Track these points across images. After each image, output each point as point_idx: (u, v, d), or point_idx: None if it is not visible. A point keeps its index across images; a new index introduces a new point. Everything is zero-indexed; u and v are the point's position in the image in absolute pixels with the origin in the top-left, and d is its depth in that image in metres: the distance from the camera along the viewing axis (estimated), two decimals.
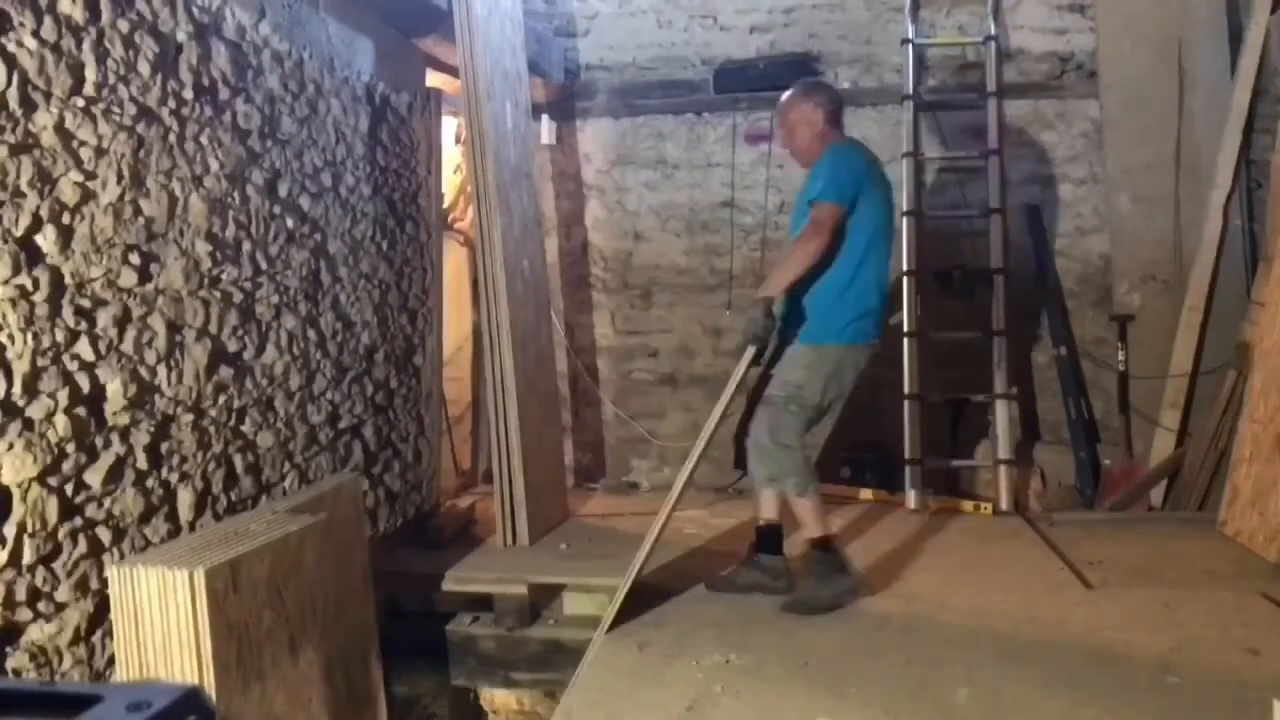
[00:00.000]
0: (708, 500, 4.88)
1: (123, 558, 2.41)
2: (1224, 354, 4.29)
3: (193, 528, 2.71)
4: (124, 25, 2.48)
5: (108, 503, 2.42)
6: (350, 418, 3.64)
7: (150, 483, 2.57)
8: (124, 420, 2.47)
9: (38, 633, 2.22)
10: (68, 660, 2.30)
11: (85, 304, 2.36)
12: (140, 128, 2.53)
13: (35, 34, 2.21)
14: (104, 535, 2.40)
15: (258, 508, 2.97)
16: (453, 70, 4.26)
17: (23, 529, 2.17)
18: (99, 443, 2.39)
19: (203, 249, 2.79)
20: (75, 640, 2.31)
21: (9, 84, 2.14)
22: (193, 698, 0.67)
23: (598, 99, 5.20)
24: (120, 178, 2.46)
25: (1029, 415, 4.88)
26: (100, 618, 2.36)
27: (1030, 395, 4.85)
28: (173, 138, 2.66)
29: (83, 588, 2.33)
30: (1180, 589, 3.27)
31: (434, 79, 4.45)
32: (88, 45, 2.36)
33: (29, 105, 2.20)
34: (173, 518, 2.65)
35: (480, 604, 3.66)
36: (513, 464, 4.03)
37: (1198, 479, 4.29)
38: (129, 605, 2.25)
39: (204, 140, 2.80)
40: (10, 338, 2.16)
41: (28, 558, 2.18)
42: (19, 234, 2.17)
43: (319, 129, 3.43)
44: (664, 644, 2.98)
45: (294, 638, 2.55)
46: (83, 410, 2.34)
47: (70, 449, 2.30)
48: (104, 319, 2.41)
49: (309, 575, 2.63)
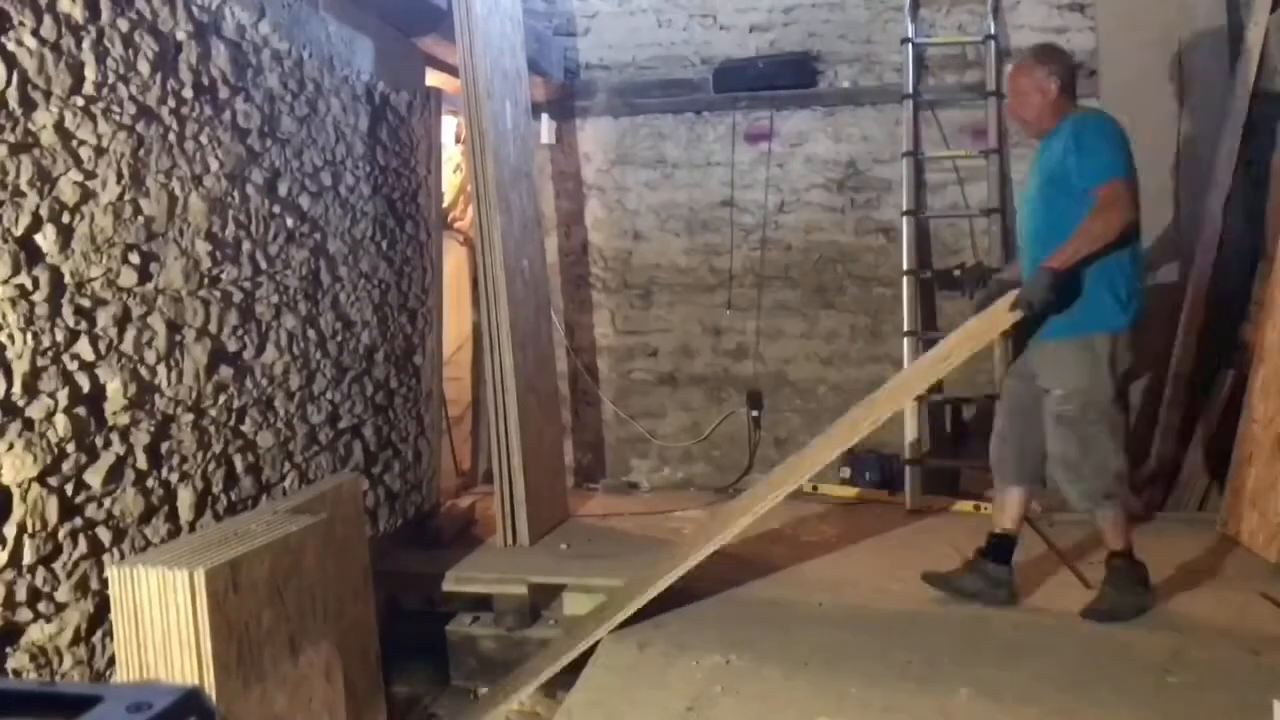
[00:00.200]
0: (707, 500, 4.88)
1: (123, 558, 2.41)
2: (1224, 354, 4.29)
3: (193, 528, 2.71)
4: (123, 24, 2.48)
5: (108, 503, 2.42)
6: (350, 418, 3.64)
7: (150, 483, 2.57)
8: (124, 420, 2.47)
9: (38, 633, 2.22)
10: (68, 660, 2.30)
11: (85, 304, 2.35)
12: (140, 127, 2.53)
13: (35, 33, 2.21)
14: (104, 535, 2.40)
15: (258, 508, 2.97)
16: (452, 69, 4.26)
17: (23, 529, 2.17)
18: (99, 443, 2.39)
19: (202, 248, 2.79)
20: (75, 640, 2.31)
21: (9, 83, 2.14)
22: (193, 698, 0.67)
23: (597, 98, 5.19)
24: (120, 177, 2.46)
25: None
26: (100, 618, 2.35)
27: None
28: (172, 137, 2.66)
29: (83, 588, 2.33)
30: (1180, 589, 3.27)
31: (434, 78, 4.45)
32: (87, 44, 2.36)
33: (29, 104, 2.20)
34: (173, 518, 2.65)
35: (480, 604, 3.67)
36: (513, 464, 4.03)
37: (1198, 479, 4.29)
38: (129, 605, 2.25)
39: (204, 139, 2.80)
40: (10, 337, 2.15)
41: (28, 558, 2.18)
42: (19, 233, 2.17)
43: (318, 128, 3.42)
44: (664, 644, 2.98)
45: (294, 638, 2.55)
46: (83, 410, 2.34)
47: (70, 449, 2.30)
48: (104, 319, 2.41)
49: (309, 575, 2.63)
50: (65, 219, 2.30)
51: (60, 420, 2.26)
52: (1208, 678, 2.63)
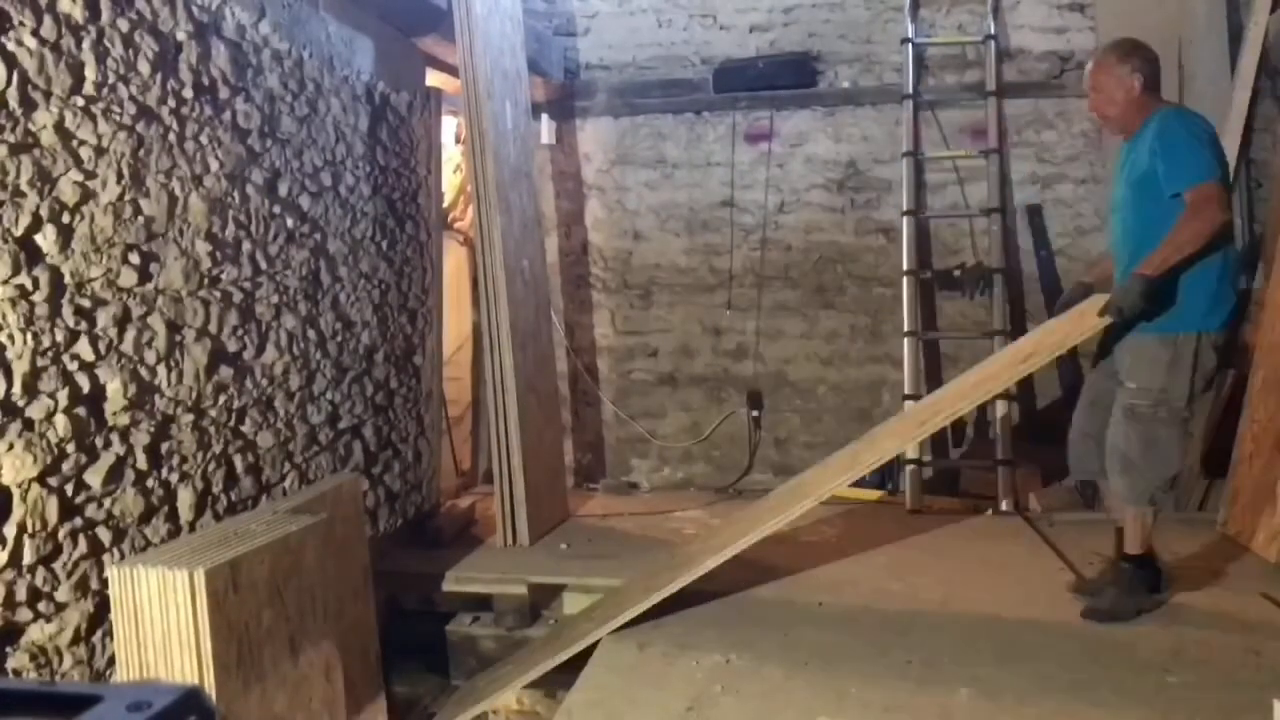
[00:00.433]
0: (707, 500, 4.88)
1: (123, 558, 2.41)
2: (1224, 353, 4.29)
3: (193, 528, 2.71)
4: (124, 24, 2.48)
5: (108, 503, 2.42)
6: (350, 418, 3.64)
7: (150, 483, 2.57)
8: (124, 420, 2.47)
9: (38, 633, 2.22)
10: (68, 660, 2.30)
11: (85, 304, 2.35)
12: (140, 127, 2.53)
13: (35, 33, 2.21)
14: (104, 535, 2.40)
15: (258, 508, 2.97)
16: (453, 70, 4.26)
17: (23, 529, 2.17)
18: (99, 443, 2.39)
19: (202, 249, 2.79)
20: (75, 640, 2.31)
21: (9, 83, 2.14)
22: (193, 698, 0.67)
23: (597, 98, 5.19)
24: (120, 177, 2.46)
25: (1029, 415, 4.88)
26: (100, 618, 2.36)
27: (1030, 395, 4.85)
28: (172, 137, 2.66)
29: (83, 588, 2.33)
30: (1180, 589, 3.27)
31: (434, 78, 4.45)
32: (87, 44, 2.36)
33: (29, 104, 2.20)
34: (173, 518, 2.65)
35: (480, 604, 3.67)
36: (513, 464, 4.03)
37: (1198, 479, 4.29)
38: (129, 605, 2.25)
39: (204, 139, 2.80)
40: (10, 338, 2.15)
41: (28, 558, 2.18)
42: (19, 234, 2.17)
43: (319, 128, 3.42)
44: (664, 644, 2.98)
45: (294, 638, 2.55)
46: (83, 410, 2.34)
47: (70, 449, 2.30)
48: (104, 319, 2.41)
49: (309, 575, 2.63)
50: (65, 219, 2.30)
51: (60, 420, 2.26)
52: (1208, 678, 2.63)
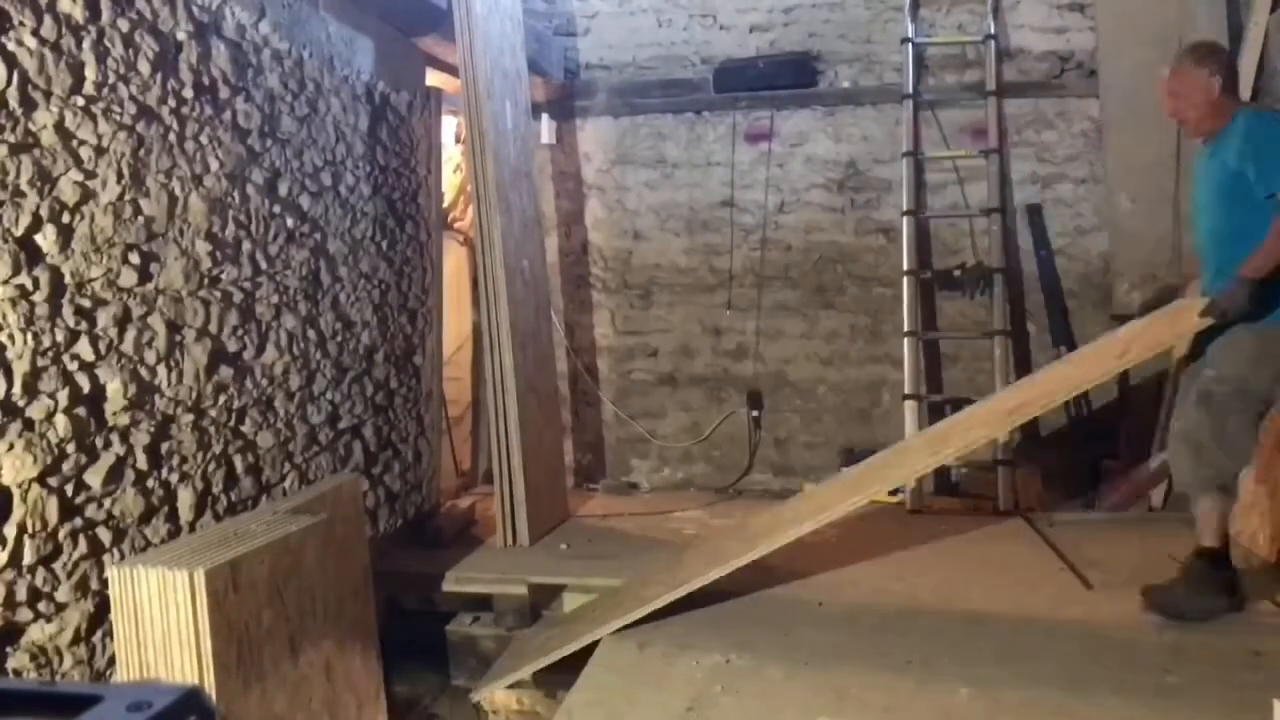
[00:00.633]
0: (707, 500, 4.88)
1: (123, 558, 2.41)
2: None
3: (193, 528, 2.71)
4: (124, 24, 2.48)
5: (108, 503, 2.42)
6: (350, 418, 3.64)
7: (150, 483, 2.57)
8: (124, 420, 2.47)
9: (38, 633, 2.22)
10: (68, 660, 2.30)
11: (85, 304, 2.35)
12: (140, 127, 2.53)
13: (35, 33, 2.21)
14: (104, 535, 2.40)
15: (258, 508, 2.97)
16: (453, 69, 4.26)
17: (23, 529, 2.17)
18: (99, 443, 2.39)
19: (202, 248, 2.79)
20: (75, 640, 2.31)
21: (9, 83, 2.14)
22: (193, 698, 0.67)
23: (597, 98, 5.19)
24: (120, 177, 2.46)
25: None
26: (100, 618, 2.35)
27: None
28: (172, 137, 2.66)
29: (83, 588, 2.33)
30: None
31: (434, 78, 4.45)
32: (87, 44, 2.36)
33: (29, 104, 2.20)
34: (173, 518, 2.65)
35: (480, 604, 3.67)
36: (513, 464, 4.03)
37: None
38: (129, 605, 2.25)
39: (204, 139, 2.80)
40: (10, 338, 2.15)
41: (28, 558, 2.18)
42: (19, 233, 2.17)
43: (319, 128, 3.42)
44: (664, 644, 2.98)
45: (294, 638, 2.55)
46: (83, 410, 2.34)
47: (70, 449, 2.30)
48: (104, 319, 2.41)
49: (309, 575, 2.63)
50: (65, 219, 2.30)
51: (60, 420, 2.26)
52: (1208, 678, 2.63)
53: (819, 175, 5.04)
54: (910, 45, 4.82)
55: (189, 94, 2.73)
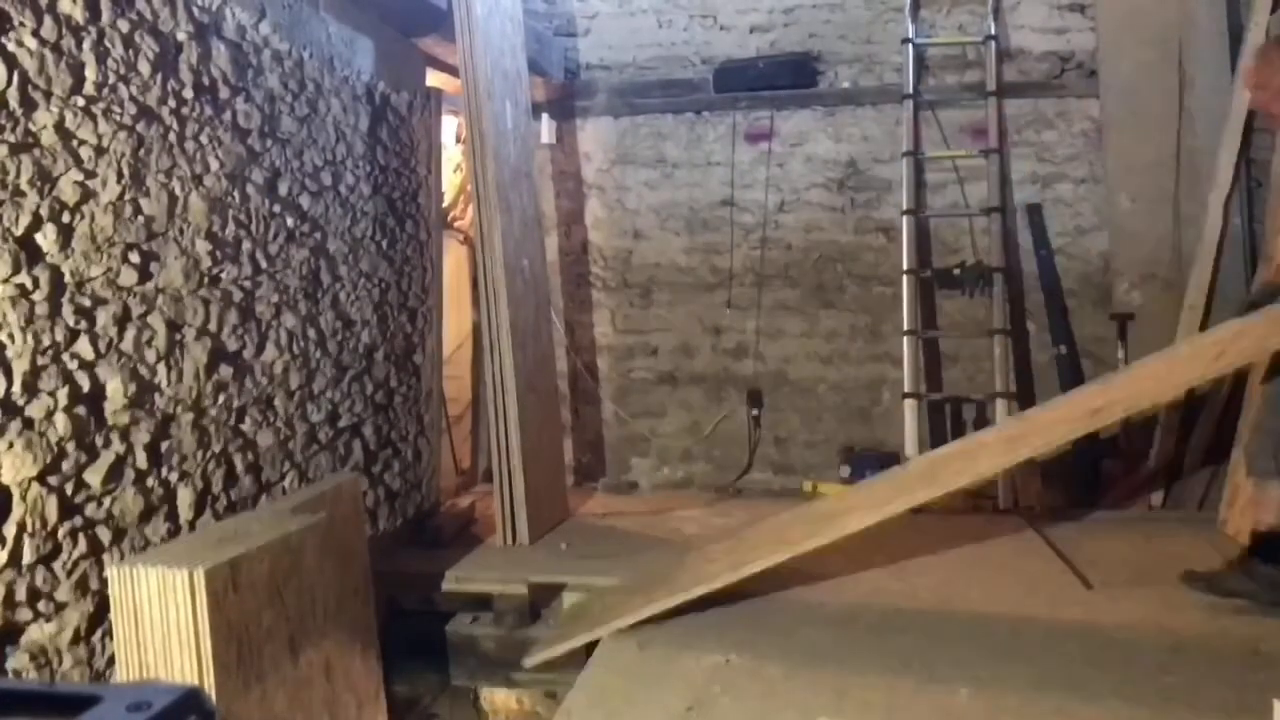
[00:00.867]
0: (707, 499, 4.88)
1: (123, 557, 2.41)
2: None
3: (193, 527, 2.71)
4: (124, 25, 2.48)
5: (107, 502, 2.42)
6: (350, 417, 3.64)
7: (150, 482, 2.57)
8: (124, 419, 2.47)
9: (38, 633, 2.22)
10: (68, 660, 2.30)
11: (85, 303, 2.35)
12: (140, 127, 2.53)
13: (35, 33, 2.21)
14: (104, 535, 2.40)
15: (258, 507, 2.97)
16: (453, 70, 4.26)
17: (22, 529, 2.17)
18: (99, 442, 2.39)
19: (203, 248, 2.79)
20: (75, 640, 2.31)
21: (9, 83, 2.14)
22: (193, 698, 0.67)
23: (598, 98, 5.19)
24: (120, 177, 2.46)
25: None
26: (100, 618, 2.35)
27: (1030, 394, 4.85)
28: (173, 137, 2.66)
29: (83, 588, 2.33)
30: (1180, 589, 3.27)
31: (434, 78, 4.45)
32: (88, 45, 2.36)
33: (29, 104, 2.20)
34: (173, 517, 2.65)
35: (480, 604, 3.66)
36: (513, 464, 4.03)
37: (1198, 479, 4.29)
38: (129, 605, 2.25)
39: (204, 139, 2.80)
40: (10, 337, 2.16)
41: (28, 558, 2.18)
42: (19, 233, 2.17)
43: (319, 128, 3.43)
44: (664, 644, 2.98)
45: (294, 638, 2.55)
46: (82, 409, 2.34)
47: (70, 448, 2.30)
48: (104, 318, 2.41)
49: (309, 575, 2.63)
50: (65, 219, 2.30)
51: (60, 419, 2.27)
52: (1208, 678, 2.63)
53: (819, 175, 5.04)
54: (910, 45, 4.82)
55: (189, 94, 2.73)
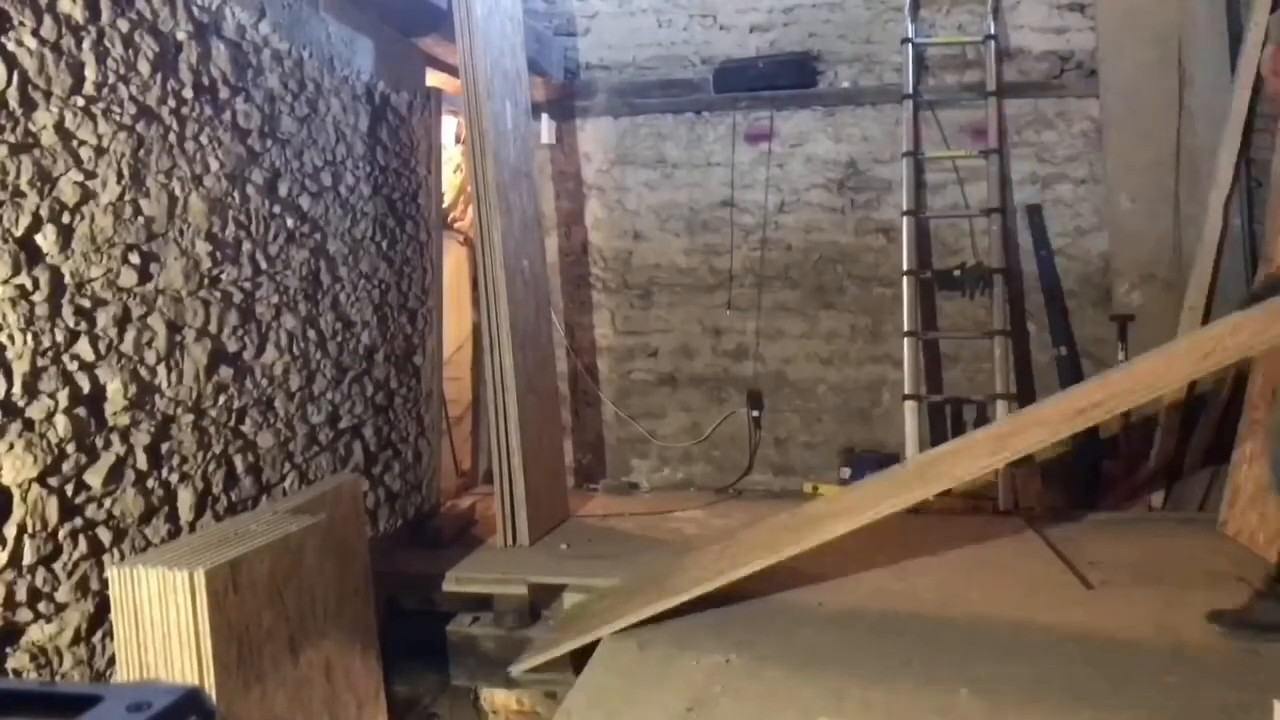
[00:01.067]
0: (707, 500, 4.88)
1: (123, 558, 2.41)
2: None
3: (193, 528, 2.71)
4: (124, 24, 2.48)
5: (108, 503, 2.42)
6: (350, 418, 3.64)
7: (150, 483, 2.57)
8: (124, 420, 2.47)
9: (38, 633, 2.22)
10: (68, 660, 2.30)
11: (85, 304, 2.35)
12: (140, 127, 2.53)
13: (35, 33, 2.21)
14: (104, 536, 2.40)
15: (258, 508, 2.97)
16: (453, 70, 4.26)
17: (23, 529, 2.17)
18: (99, 443, 2.39)
19: (202, 249, 2.79)
20: (75, 640, 2.31)
21: (9, 83, 2.14)
22: (193, 698, 0.67)
23: (598, 98, 5.20)
24: (120, 177, 2.46)
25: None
26: (100, 618, 2.35)
27: (1030, 395, 4.85)
28: (172, 137, 2.66)
29: (83, 588, 2.33)
30: (1180, 589, 3.27)
31: (434, 78, 4.45)
32: (87, 44, 2.36)
33: (29, 104, 2.20)
34: (173, 518, 2.65)
35: (480, 604, 3.66)
36: (513, 464, 4.03)
37: (1198, 479, 4.29)
38: (129, 606, 2.25)
39: (204, 140, 2.80)
40: (10, 338, 2.15)
41: (28, 558, 2.18)
42: (19, 234, 2.17)
43: (319, 128, 3.42)
44: (664, 644, 2.98)
45: (294, 638, 2.55)
46: (83, 410, 2.34)
47: (70, 449, 2.30)
48: (104, 319, 2.41)
49: (309, 575, 2.63)
50: (65, 219, 2.30)
51: (60, 420, 2.26)
52: (1208, 678, 2.63)
53: (819, 175, 5.04)
54: (910, 45, 4.82)
55: (189, 94, 2.73)
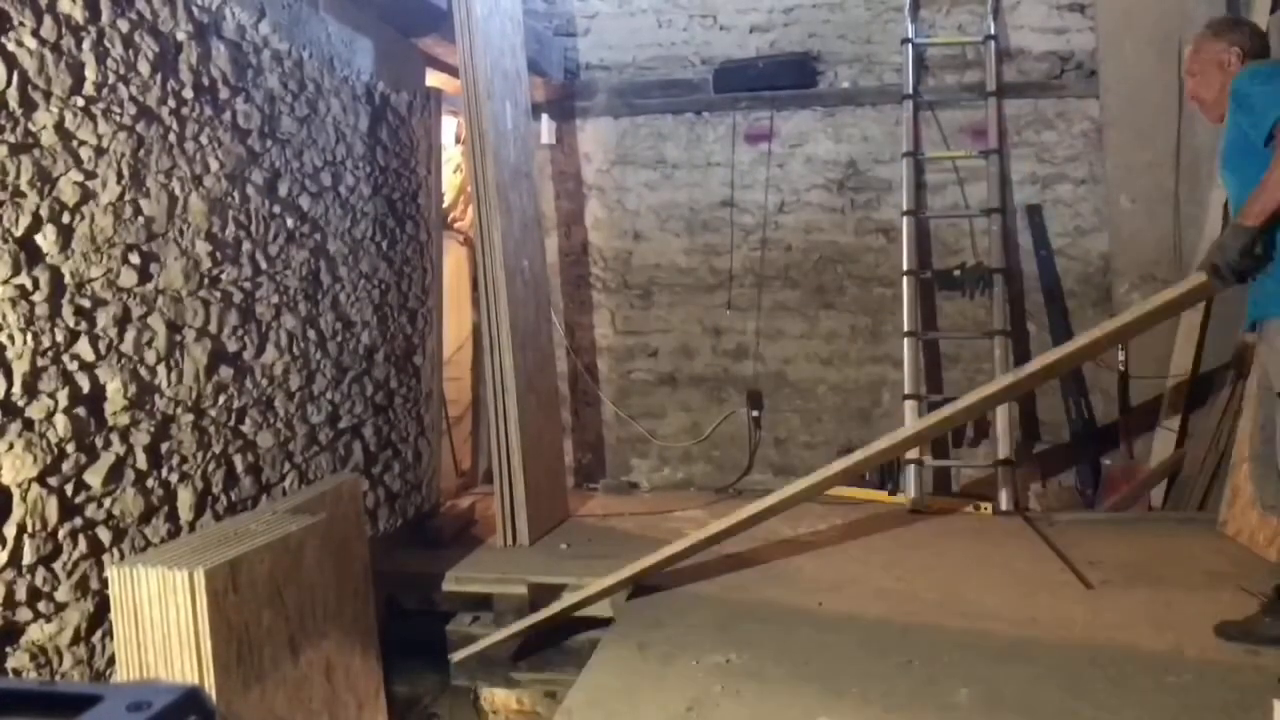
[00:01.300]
0: (707, 500, 4.88)
1: (123, 558, 2.42)
2: (1224, 354, 4.29)
3: (193, 528, 2.71)
4: (124, 25, 2.48)
5: (108, 503, 2.42)
6: (350, 418, 3.64)
7: (150, 483, 2.57)
8: (124, 420, 2.47)
9: (38, 633, 2.22)
10: (68, 660, 2.30)
11: (85, 304, 2.36)
12: (140, 127, 2.53)
13: (35, 33, 2.21)
14: (104, 535, 2.40)
15: (258, 508, 2.97)
16: (453, 70, 4.26)
17: (23, 529, 2.17)
18: (99, 443, 2.39)
19: (202, 249, 2.79)
20: (75, 640, 2.31)
21: (9, 83, 2.14)
22: (193, 698, 0.67)
23: (597, 99, 5.20)
24: (120, 177, 2.46)
25: (1029, 415, 4.88)
26: (100, 618, 2.36)
27: (1030, 395, 4.85)
28: (172, 137, 2.66)
29: (83, 588, 2.33)
30: (1180, 589, 3.27)
31: (434, 79, 4.45)
32: (87, 45, 2.36)
33: (29, 104, 2.20)
34: (173, 518, 2.65)
35: (480, 604, 3.67)
36: (513, 464, 4.03)
37: (1198, 479, 4.29)
38: (129, 605, 2.25)
39: (204, 140, 2.80)
40: (10, 338, 2.16)
41: (28, 558, 2.18)
42: (19, 234, 2.17)
43: (319, 128, 3.43)
44: (664, 644, 2.98)
45: (294, 638, 2.55)
46: (83, 410, 2.34)
47: (70, 449, 2.30)
48: (104, 319, 2.41)
49: (309, 575, 2.63)
50: (65, 219, 2.30)
51: (60, 420, 2.27)
52: (1207, 678, 2.63)
53: (819, 175, 5.04)
54: (910, 46, 4.82)
55: (189, 94, 2.73)
